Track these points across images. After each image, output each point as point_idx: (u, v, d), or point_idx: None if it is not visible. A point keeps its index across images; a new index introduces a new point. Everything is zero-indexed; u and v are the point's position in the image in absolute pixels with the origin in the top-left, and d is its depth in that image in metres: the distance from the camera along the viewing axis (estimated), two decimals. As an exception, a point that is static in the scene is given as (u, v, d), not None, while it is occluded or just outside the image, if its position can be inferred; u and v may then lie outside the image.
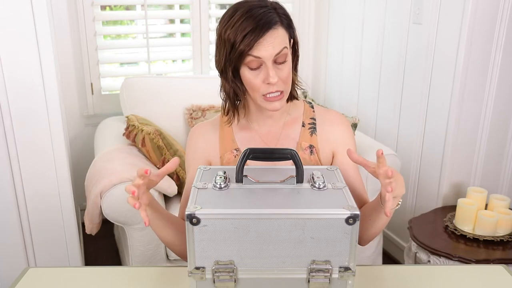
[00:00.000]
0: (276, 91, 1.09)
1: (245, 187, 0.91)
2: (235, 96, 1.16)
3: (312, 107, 1.25)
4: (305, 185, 0.92)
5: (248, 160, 0.92)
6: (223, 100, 1.19)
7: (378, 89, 2.51)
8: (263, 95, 1.10)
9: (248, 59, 1.06)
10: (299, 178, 0.92)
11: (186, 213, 0.81)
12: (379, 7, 2.42)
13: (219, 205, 0.84)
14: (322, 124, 1.22)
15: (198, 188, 0.90)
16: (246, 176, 0.93)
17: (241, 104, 1.20)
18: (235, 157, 1.19)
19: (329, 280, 0.85)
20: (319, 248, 0.84)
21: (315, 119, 1.22)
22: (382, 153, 0.95)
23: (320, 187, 0.91)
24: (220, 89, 1.18)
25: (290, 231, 0.82)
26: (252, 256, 0.84)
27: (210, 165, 1.21)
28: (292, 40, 1.14)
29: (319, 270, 0.85)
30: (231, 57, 1.07)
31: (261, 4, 1.08)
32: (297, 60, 1.20)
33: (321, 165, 1.19)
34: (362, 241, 1.17)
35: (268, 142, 1.21)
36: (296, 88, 1.20)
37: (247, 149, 0.92)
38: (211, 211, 0.82)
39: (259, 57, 1.06)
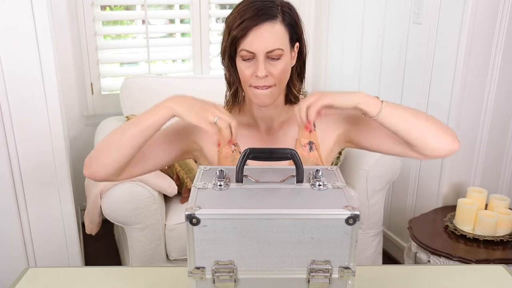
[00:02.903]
0: (264, 86, 1.09)
1: (245, 187, 0.91)
2: (234, 85, 1.17)
3: None
4: (305, 185, 0.92)
5: (248, 160, 0.92)
6: (227, 89, 1.21)
7: (378, 89, 2.51)
8: (252, 86, 1.11)
9: (242, 52, 1.07)
10: (299, 178, 0.92)
11: (186, 213, 0.81)
12: (379, 7, 2.42)
13: (219, 205, 0.84)
14: (318, 118, 1.22)
15: (198, 188, 0.90)
16: (246, 176, 0.93)
17: (242, 96, 1.20)
18: (232, 152, 1.18)
19: (329, 280, 0.85)
20: (319, 248, 0.84)
21: None
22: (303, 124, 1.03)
23: (320, 187, 0.91)
24: (224, 78, 1.20)
25: (290, 231, 0.82)
26: (252, 256, 0.84)
27: (195, 146, 1.21)
28: (297, 44, 1.13)
29: (319, 270, 0.85)
30: (227, 43, 1.09)
31: None
32: (303, 66, 1.19)
33: (321, 160, 1.19)
34: (423, 151, 1.08)
35: (266, 139, 1.21)
36: (296, 93, 1.19)
37: (247, 149, 0.92)
38: (211, 211, 0.82)
39: (251, 52, 1.06)
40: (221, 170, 0.93)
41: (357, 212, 0.82)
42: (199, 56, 2.83)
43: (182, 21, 2.90)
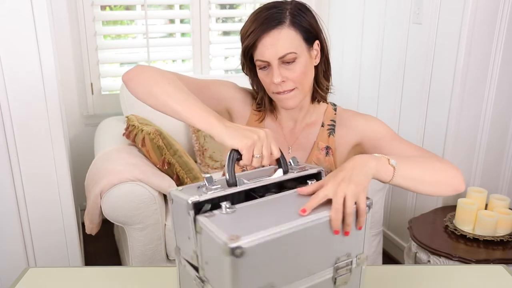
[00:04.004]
0: (285, 91, 1.10)
1: (252, 203, 0.85)
2: (259, 93, 1.21)
3: (335, 109, 1.25)
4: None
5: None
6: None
7: (378, 89, 2.51)
8: (274, 92, 1.13)
9: (257, 62, 1.10)
10: (282, 165, 0.92)
11: (230, 246, 0.71)
12: (379, 7, 2.42)
13: (253, 229, 0.74)
14: (339, 125, 1.22)
15: (206, 217, 0.79)
16: (238, 179, 0.88)
17: (268, 101, 1.22)
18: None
19: (350, 271, 0.86)
20: (342, 242, 0.83)
21: (335, 121, 1.23)
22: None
23: None
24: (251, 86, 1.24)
25: (319, 235, 0.80)
26: (288, 273, 0.79)
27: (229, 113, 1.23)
28: (317, 42, 1.13)
29: (343, 266, 0.85)
30: (242, 55, 1.13)
31: (275, 4, 1.10)
32: (327, 63, 1.18)
33: (335, 166, 1.19)
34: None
35: (287, 139, 1.23)
36: (323, 92, 1.20)
37: (232, 150, 0.89)
38: (253, 237, 0.72)
39: (264, 61, 1.08)
40: (210, 177, 0.86)
41: (372, 200, 0.86)
42: (199, 56, 2.83)
43: (182, 21, 2.90)
